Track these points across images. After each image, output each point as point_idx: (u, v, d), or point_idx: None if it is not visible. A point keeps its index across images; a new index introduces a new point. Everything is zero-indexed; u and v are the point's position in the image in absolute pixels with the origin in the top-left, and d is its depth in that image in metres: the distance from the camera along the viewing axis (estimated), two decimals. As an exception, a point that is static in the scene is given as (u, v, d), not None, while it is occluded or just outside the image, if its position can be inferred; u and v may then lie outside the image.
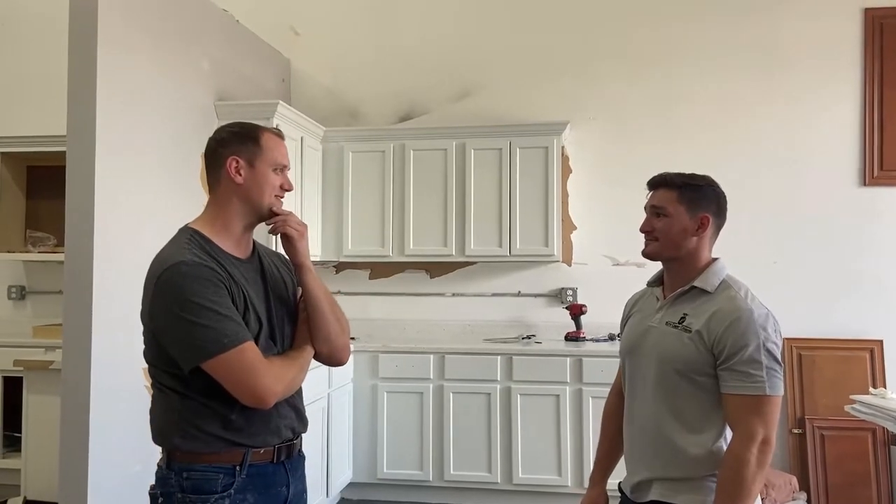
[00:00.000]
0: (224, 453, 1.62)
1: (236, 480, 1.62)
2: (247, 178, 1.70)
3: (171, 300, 1.57)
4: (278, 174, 1.74)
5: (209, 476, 1.61)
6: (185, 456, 1.63)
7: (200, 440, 1.61)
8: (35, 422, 3.55)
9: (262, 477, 1.67)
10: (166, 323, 1.59)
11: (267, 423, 1.66)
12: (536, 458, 4.11)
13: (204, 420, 1.61)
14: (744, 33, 4.58)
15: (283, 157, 1.75)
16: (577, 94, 4.74)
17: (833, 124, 4.50)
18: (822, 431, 4.17)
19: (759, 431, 1.63)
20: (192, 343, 1.55)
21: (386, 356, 4.30)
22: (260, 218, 1.74)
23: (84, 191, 2.87)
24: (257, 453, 1.65)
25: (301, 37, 5.08)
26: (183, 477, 1.62)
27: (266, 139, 1.74)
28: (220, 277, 1.61)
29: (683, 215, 1.80)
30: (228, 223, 1.71)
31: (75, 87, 2.89)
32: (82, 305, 2.83)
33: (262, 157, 1.71)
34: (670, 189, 1.83)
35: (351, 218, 4.62)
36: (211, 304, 1.55)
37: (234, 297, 1.62)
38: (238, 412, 1.61)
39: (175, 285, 1.57)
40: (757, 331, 1.66)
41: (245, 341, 1.57)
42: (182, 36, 3.58)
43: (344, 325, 1.81)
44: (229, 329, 1.56)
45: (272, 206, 1.72)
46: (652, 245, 1.85)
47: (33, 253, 4.62)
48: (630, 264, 4.62)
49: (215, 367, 1.55)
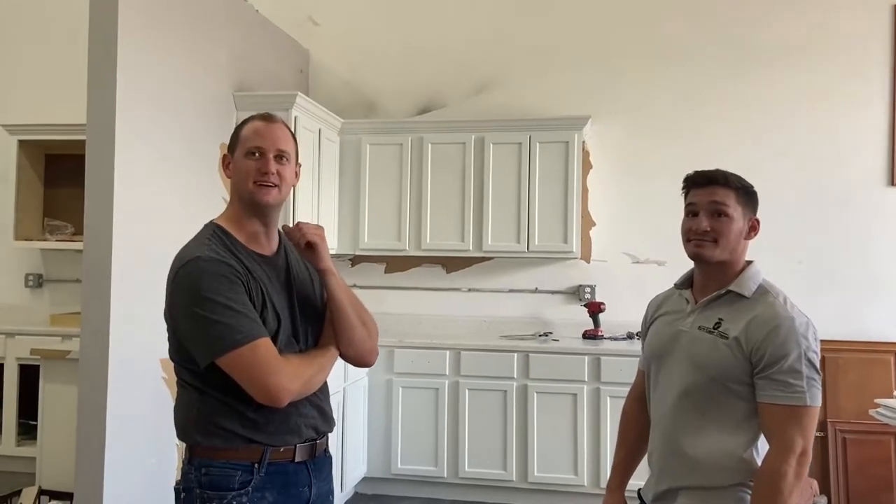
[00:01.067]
0: (242, 450, 1.61)
1: (254, 478, 1.60)
2: (233, 171, 1.71)
3: (187, 296, 1.57)
4: (252, 159, 1.67)
5: (227, 472, 1.60)
6: (205, 452, 1.62)
7: (219, 436, 1.60)
8: (51, 411, 3.54)
9: (283, 476, 1.65)
10: (183, 319, 1.59)
11: (286, 421, 1.64)
12: (552, 456, 4.07)
13: (222, 417, 1.60)
14: (771, 29, 4.49)
15: (257, 140, 1.68)
16: (599, 89, 4.68)
17: (861, 123, 4.41)
18: (845, 435, 4.10)
19: (797, 443, 1.57)
20: (206, 339, 1.54)
21: (401, 351, 4.27)
22: (253, 210, 1.69)
23: (103, 180, 2.84)
24: (277, 451, 1.63)
25: (320, 27, 5.04)
26: (202, 473, 1.61)
27: (246, 128, 1.72)
28: (238, 273, 1.59)
29: (740, 217, 1.73)
30: (240, 218, 1.71)
31: (95, 76, 2.87)
32: (100, 295, 2.81)
33: (239, 145, 1.71)
34: (729, 188, 1.73)
35: (368, 211, 4.58)
36: (226, 301, 1.54)
37: (252, 293, 1.60)
38: (256, 410, 1.59)
39: (191, 281, 1.57)
40: (798, 339, 1.61)
41: (259, 338, 1.55)
42: (201, 26, 3.55)
43: (371, 328, 1.78)
44: (244, 325, 1.54)
45: (254, 194, 1.66)
46: (708, 247, 1.72)
47: (51, 241, 4.62)
48: (650, 262, 4.57)
49: (229, 363, 1.54)
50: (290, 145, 1.73)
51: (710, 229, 1.71)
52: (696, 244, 1.73)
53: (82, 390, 2.82)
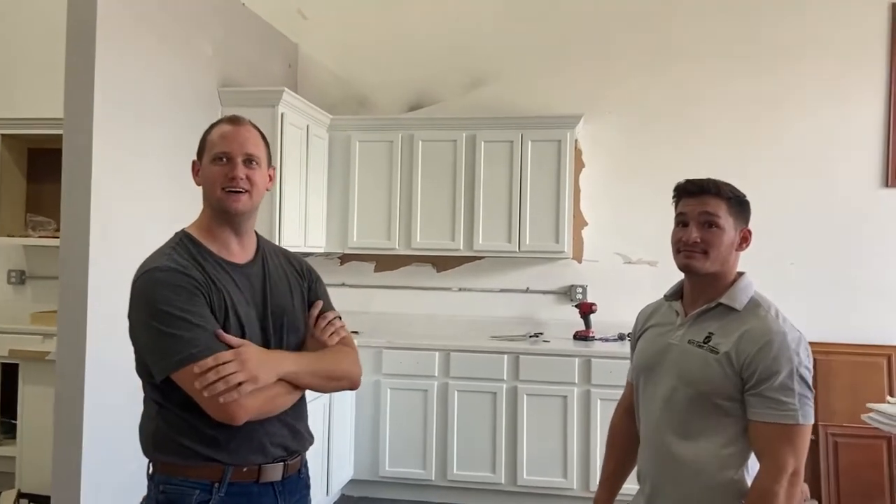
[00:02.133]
0: (202, 468, 1.53)
1: (213, 498, 1.53)
2: (201, 178, 1.65)
3: (142, 307, 1.52)
4: (219, 164, 1.61)
5: (184, 491, 1.53)
6: (164, 468, 1.57)
7: (177, 453, 1.54)
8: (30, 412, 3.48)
9: (245, 497, 1.57)
10: (139, 331, 1.54)
11: (250, 439, 1.56)
12: (542, 459, 4.02)
13: (180, 433, 1.54)
14: (766, 30, 4.43)
15: (224, 144, 1.61)
16: (593, 88, 4.61)
17: (856, 123, 4.35)
18: (836, 438, 4.06)
19: (789, 463, 1.52)
20: (162, 353, 1.48)
21: (390, 352, 4.20)
22: (223, 217, 1.62)
23: (80, 176, 2.77)
24: (239, 471, 1.55)
25: (309, 21, 4.95)
26: (160, 490, 1.56)
27: (213, 132, 1.66)
28: (197, 284, 1.52)
29: (731, 228, 1.67)
30: (210, 226, 1.65)
31: (73, 69, 2.78)
32: (78, 296, 2.74)
33: (206, 152, 1.65)
34: (720, 199, 1.67)
35: (357, 209, 4.51)
36: (181, 313, 1.47)
37: (214, 304, 1.54)
38: (215, 427, 1.51)
39: (147, 292, 1.51)
40: (790, 356, 1.55)
41: (216, 353, 1.47)
42: (185, 18, 3.46)
43: (339, 373, 1.68)
44: (200, 339, 1.47)
45: (222, 201, 1.60)
46: (699, 259, 1.66)
47: (33, 237, 4.54)
48: (642, 263, 4.52)
49: (184, 378, 1.47)
50: (261, 148, 1.66)
51: (700, 240, 1.66)
52: (685, 255, 1.68)
53: (59, 393, 2.75)
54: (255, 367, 1.49)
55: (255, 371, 1.49)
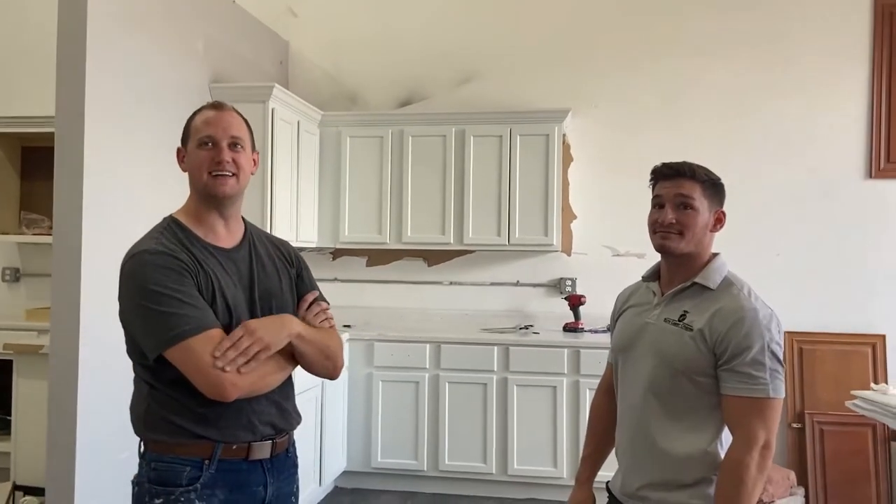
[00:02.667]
0: (192, 446, 1.58)
1: (203, 475, 1.57)
2: (187, 164, 1.68)
3: (132, 289, 1.56)
4: (205, 149, 1.64)
5: (175, 468, 1.58)
6: (155, 446, 1.61)
7: (168, 431, 1.58)
8: (25, 406, 3.50)
9: (235, 474, 1.61)
10: (129, 312, 1.58)
11: (238, 416, 1.60)
12: (532, 449, 4.07)
13: (171, 411, 1.58)
14: (751, 23, 4.49)
15: (209, 129, 1.65)
16: (580, 82, 4.66)
17: (840, 115, 4.42)
18: (822, 426, 4.12)
19: (760, 435, 1.57)
20: (154, 331, 1.52)
21: (381, 345, 4.25)
22: (210, 202, 1.66)
23: (72, 172, 2.80)
24: (229, 449, 1.60)
25: (300, 18, 4.99)
26: (151, 467, 1.60)
27: (197, 117, 1.69)
28: (185, 266, 1.57)
29: (706, 210, 1.73)
30: (197, 211, 1.68)
31: (64, 65, 2.82)
32: (71, 289, 2.78)
33: (190, 137, 1.68)
34: (695, 181, 1.72)
35: (348, 204, 4.56)
36: (172, 293, 1.52)
37: (201, 285, 1.58)
38: (206, 405, 1.55)
39: (136, 274, 1.55)
40: (762, 332, 1.60)
41: (208, 329, 1.52)
42: (176, 15, 3.50)
43: (334, 353, 1.74)
44: (191, 316, 1.52)
45: (209, 185, 1.64)
46: (674, 239, 1.71)
47: (28, 235, 4.56)
48: (630, 255, 4.57)
49: (176, 355, 1.51)
50: (244, 132, 1.70)
51: (675, 221, 1.71)
52: (661, 236, 1.73)
53: (52, 385, 2.79)
54: (265, 334, 1.56)
55: (268, 339, 1.56)
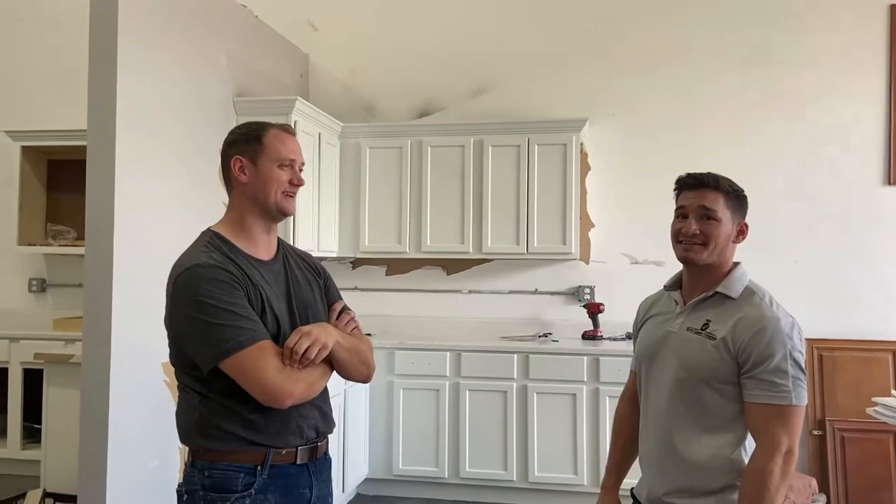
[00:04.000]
0: (245, 452, 1.63)
1: (257, 480, 1.63)
2: (251, 177, 1.72)
3: (187, 303, 1.60)
4: (285, 170, 1.73)
5: (230, 475, 1.62)
6: (208, 454, 1.65)
7: (221, 439, 1.63)
8: (55, 414, 3.58)
9: (285, 478, 1.67)
10: (184, 325, 1.62)
11: (287, 422, 1.66)
12: (552, 456, 4.09)
13: (223, 419, 1.63)
14: (768, 31, 4.51)
15: (289, 152, 1.74)
16: (597, 91, 4.70)
17: (858, 122, 4.42)
18: (843, 433, 4.11)
19: (783, 441, 1.60)
20: (210, 343, 1.57)
21: (402, 353, 4.29)
22: (272, 217, 1.75)
23: (104, 185, 2.88)
24: (279, 454, 1.66)
25: (319, 32, 5.07)
26: (205, 475, 1.64)
27: (270, 136, 1.74)
28: (236, 279, 1.62)
29: (729, 221, 1.76)
30: (245, 224, 1.73)
31: (96, 82, 2.90)
32: (102, 299, 2.84)
33: (265, 153, 1.72)
34: (718, 192, 1.76)
35: (368, 214, 4.62)
36: (226, 305, 1.57)
37: (251, 298, 1.64)
38: (257, 412, 1.61)
39: (190, 288, 1.60)
40: (784, 340, 1.63)
41: (261, 340, 1.58)
42: (201, 31, 3.58)
43: (367, 358, 1.82)
44: (245, 328, 1.57)
45: (280, 203, 1.72)
46: (697, 250, 1.74)
47: (54, 246, 4.67)
48: (648, 263, 4.59)
49: (232, 365, 1.56)
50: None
51: (699, 232, 1.74)
52: (685, 247, 1.76)
53: (85, 393, 2.85)
54: (318, 335, 1.65)
55: (324, 339, 1.65)
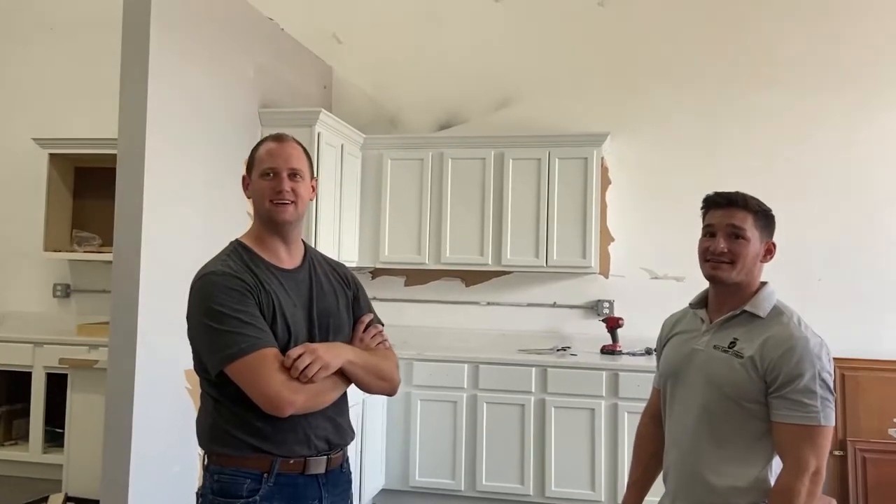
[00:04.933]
0: (252, 459, 1.66)
1: (262, 487, 1.65)
2: (251, 191, 1.80)
3: (198, 308, 1.67)
4: (267, 179, 1.76)
5: (237, 480, 1.66)
6: (218, 459, 1.69)
7: (230, 445, 1.67)
8: (78, 419, 3.63)
9: (292, 487, 1.68)
10: (196, 331, 1.68)
11: (294, 431, 1.68)
12: (570, 471, 4.08)
13: (232, 425, 1.66)
14: (792, 45, 4.50)
15: (270, 161, 1.76)
16: (619, 106, 4.71)
17: (882, 140, 4.39)
18: (864, 454, 4.07)
19: (811, 462, 1.60)
20: (216, 349, 1.62)
21: (420, 364, 4.31)
22: (271, 227, 1.78)
23: (133, 193, 2.93)
24: (286, 463, 1.68)
25: (343, 44, 5.13)
26: (214, 479, 1.68)
27: (260, 150, 1.81)
28: (247, 286, 1.66)
29: (757, 241, 1.77)
30: (260, 235, 1.80)
31: (127, 91, 2.96)
32: (129, 307, 2.89)
33: (255, 167, 1.79)
34: (747, 211, 1.76)
35: (388, 225, 4.64)
36: (234, 313, 1.62)
37: (263, 305, 1.67)
38: (264, 419, 1.64)
39: (202, 294, 1.66)
40: (812, 360, 1.63)
41: (265, 347, 1.61)
42: (230, 44, 3.64)
43: (388, 374, 1.82)
44: (250, 335, 1.61)
45: (271, 212, 1.75)
46: (725, 269, 1.75)
47: (79, 252, 4.74)
48: (668, 278, 4.58)
49: (235, 371, 1.60)
50: (303, 163, 1.81)
51: (727, 251, 1.74)
52: (712, 265, 1.77)
53: (109, 399, 2.89)
54: (324, 355, 1.65)
55: (327, 359, 1.65)
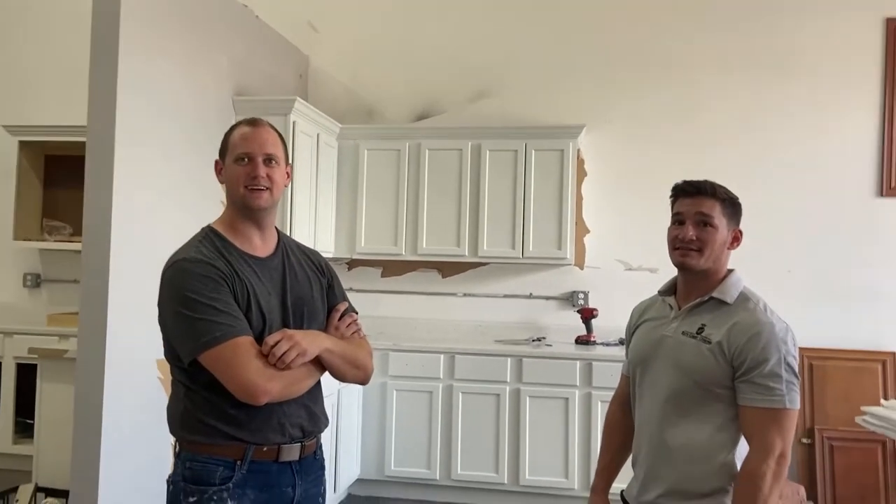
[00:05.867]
0: (225, 446, 1.65)
1: (235, 475, 1.64)
2: (224, 177, 1.77)
3: (171, 295, 1.64)
4: (242, 164, 1.72)
5: (209, 468, 1.64)
6: (190, 446, 1.67)
7: (202, 432, 1.65)
8: (48, 409, 3.57)
9: (265, 475, 1.68)
10: (167, 317, 1.65)
11: (269, 419, 1.67)
12: (544, 460, 4.11)
13: (205, 412, 1.65)
14: (763, 42, 4.56)
15: (245, 146, 1.72)
16: (595, 98, 4.73)
17: (852, 134, 4.47)
18: (832, 442, 4.15)
19: (776, 445, 1.62)
20: (189, 336, 1.59)
21: (396, 354, 4.31)
22: (246, 214, 1.74)
23: (102, 182, 2.88)
24: (260, 450, 1.67)
25: (320, 33, 5.09)
26: (186, 466, 1.66)
27: (234, 134, 1.77)
28: (222, 274, 1.64)
29: (724, 228, 1.79)
30: (234, 221, 1.76)
31: (96, 78, 2.90)
32: (98, 296, 2.85)
33: (228, 152, 1.76)
34: (715, 200, 1.79)
35: (365, 216, 4.63)
36: (207, 300, 1.59)
37: (237, 293, 1.65)
38: (238, 407, 1.62)
39: (175, 281, 1.63)
40: (778, 344, 1.66)
41: (239, 335, 1.59)
42: (202, 30, 3.59)
43: (362, 362, 1.81)
44: (225, 323, 1.59)
45: (245, 198, 1.72)
46: (693, 256, 1.77)
47: (49, 241, 4.66)
48: (643, 269, 4.62)
49: (210, 359, 1.58)
50: (279, 148, 1.78)
51: (695, 238, 1.77)
52: (681, 252, 1.79)
53: (79, 389, 2.85)
54: (302, 341, 1.64)
55: (305, 345, 1.64)
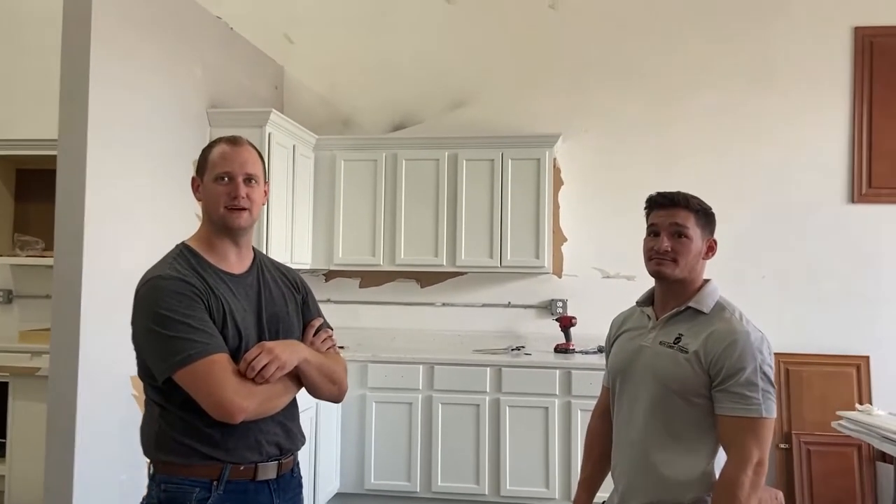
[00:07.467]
0: (201, 467, 1.62)
1: (212, 496, 1.61)
2: (202, 195, 1.75)
3: (145, 313, 1.61)
4: (222, 184, 1.71)
5: (185, 489, 1.61)
6: (164, 467, 1.64)
7: (177, 452, 1.62)
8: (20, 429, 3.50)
9: (242, 494, 1.65)
10: (141, 335, 1.63)
11: (245, 437, 1.64)
12: (524, 470, 4.10)
13: (180, 432, 1.62)
14: (736, 51, 4.62)
15: (225, 165, 1.71)
16: (571, 107, 4.76)
17: (823, 142, 4.54)
18: (809, 447, 4.19)
19: (753, 453, 1.63)
20: (163, 354, 1.57)
21: (375, 366, 4.28)
22: (224, 232, 1.73)
23: (74, 197, 2.84)
24: (237, 469, 1.64)
25: (295, 45, 5.07)
26: (161, 489, 1.63)
27: (213, 152, 1.75)
28: (196, 291, 1.62)
29: (699, 238, 1.81)
30: (210, 239, 1.74)
31: (67, 91, 2.87)
32: (70, 312, 2.80)
33: (207, 170, 1.74)
34: (689, 211, 1.81)
35: (342, 226, 4.61)
36: (182, 318, 1.57)
37: (213, 310, 1.63)
38: (213, 426, 1.60)
39: (149, 299, 1.61)
40: (754, 353, 1.67)
41: (215, 353, 1.57)
42: (176, 42, 3.57)
43: (338, 377, 1.80)
44: (199, 341, 1.57)
45: (225, 218, 1.70)
46: (669, 266, 1.79)
47: (21, 257, 4.57)
48: (620, 277, 4.65)
49: (184, 378, 1.56)
50: (258, 167, 1.77)
51: (670, 249, 1.78)
52: (657, 263, 1.81)
53: (51, 407, 2.80)
54: (281, 354, 1.63)
55: (284, 358, 1.63)
